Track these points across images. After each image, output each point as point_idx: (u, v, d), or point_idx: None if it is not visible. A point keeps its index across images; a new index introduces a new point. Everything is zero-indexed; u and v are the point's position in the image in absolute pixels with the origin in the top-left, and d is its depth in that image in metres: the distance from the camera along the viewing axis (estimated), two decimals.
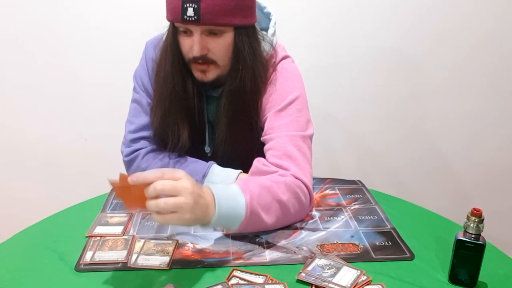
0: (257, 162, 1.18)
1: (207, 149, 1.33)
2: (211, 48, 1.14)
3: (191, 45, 1.14)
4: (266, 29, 1.28)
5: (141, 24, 1.79)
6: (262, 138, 1.23)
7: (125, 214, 1.18)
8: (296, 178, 1.12)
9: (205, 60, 1.15)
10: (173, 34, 1.17)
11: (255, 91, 1.22)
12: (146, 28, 1.38)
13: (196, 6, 1.07)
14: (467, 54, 1.99)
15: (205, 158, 1.31)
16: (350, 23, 1.94)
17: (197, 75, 1.19)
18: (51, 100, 2.03)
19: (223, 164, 1.27)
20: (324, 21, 1.94)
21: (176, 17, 1.10)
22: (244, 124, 1.25)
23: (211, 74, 1.18)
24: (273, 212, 1.05)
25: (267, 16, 1.30)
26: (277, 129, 1.20)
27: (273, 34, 1.28)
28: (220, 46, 1.15)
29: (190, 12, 1.07)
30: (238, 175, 1.21)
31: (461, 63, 2.00)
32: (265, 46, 1.25)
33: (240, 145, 1.26)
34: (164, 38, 1.23)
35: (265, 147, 1.21)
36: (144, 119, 1.30)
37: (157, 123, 1.26)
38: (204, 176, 1.21)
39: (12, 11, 1.89)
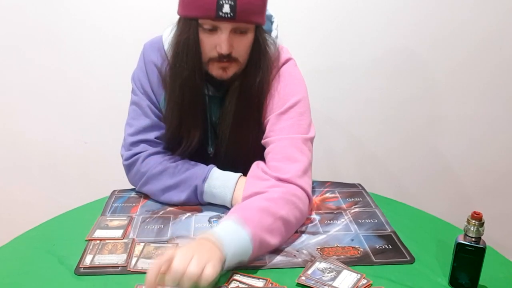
0: (256, 167, 1.19)
1: (209, 149, 1.33)
2: (236, 46, 1.15)
3: (216, 43, 1.13)
4: (268, 32, 1.28)
5: (141, 27, 1.79)
6: (263, 141, 1.24)
7: (125, 218, 1.18)
8: (293, 183, 1.12)
9: (229, 58, 1.15)
10: (196, 31, 1.15)
11: (263, 89, 1.23)
12: (147, 31, 1.38)
13: (232, 3, 1.07)
14: (468, 58, 1.99)
15: (207, 158, 1.32)
16: (351, 26, 1.94)
17: (217, 72, 1.18)
18: (52, 104, 2.03)
19: (225, 164, 1.27)
20: (325, 25, 1.94)
21: (209, 13, 1.09)
22: (248, 122, 1.26)
23: (231, 71, 1.19)
24: (277, 231, 1.03)
25: (269, 19, 1.30)
26: (278, 132, 1.20)
27: (276, 37, 1.29)
28: (244, 44, 1.16)
29: (227, 8, 1.07)
30: (239, 179, 1.20)
31: (462, 67, 2.00)
32: (271, 47, 1.26)
33: (244, 144, 1.27)
34: (175, 37, 1.20)
35: (266, 151, 1.21)
36: (143, 121, 1.29)
37: (174, 124, 1.25)
38: (204, 180, 1.20)
39: (12, 15, 1.90)
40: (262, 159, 1.23)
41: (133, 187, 1.33)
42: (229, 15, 1.08)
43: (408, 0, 1.91)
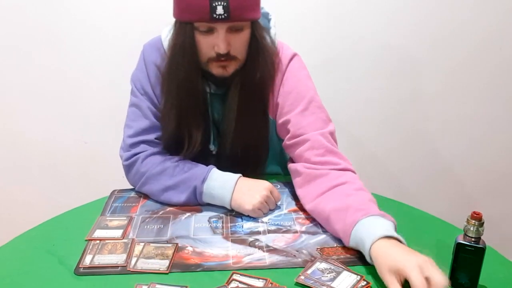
0: (303, 168, 1.20)
1: (211, 147, 1.34)
2: (233, 44, 1.16)
3: (213, 43, 1.15)
4: (267, 29, 1.29)
5: (141, 27, 1.79)
6: (293, 140, 1.25)
7: (125, 218, 1.18)
8: (349, 170, 1.19)
9: (227, 56, 1.16)
10: (191, 34, 1.16)
11: (264, 82, 1.25)
12: (147, 31, 1.38)
13: (225, 3, 1.08)
14: (468, 58, 1.99)
15: (210, 156, 1.33)
16: (352, 26, 1.94)
17: (218, 71, 1.20)
18: (52, 103, 2.03)
19: (228, 161, 1.29)
20: (325, 24, 1.94)
21: (203, 16, 1.10)
22: (252, 116, 1.27)
23: (231, 69, 1.20)
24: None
25: (265, 17, 1.32)
26: (306, 128, 1.23)
27: (275, 34, 1.30)
28: (242, 41, 1.18)
29: (220, 10, 1.08)
30: (238, 179, 1.20)
31: (462, 67, 2.00)
32: (269, 41, 1.27)
33: (249, 139, 1.28)
34: (171, 40, 1.22)
35: (302, 148, 1.23)
36: (143, 123, 1.30)
37: (172, 126, 1.26)
38: (203, 181, 1.20)
39: (12, 15, 1.90)
40: (265, 153, 1.30)
41: (132, 187, 1.33)
42: (223, 16, 1.09)
43: (408, 0, 1.91)
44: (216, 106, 1.30)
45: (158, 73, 1.28)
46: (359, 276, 0.93)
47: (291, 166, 1.27)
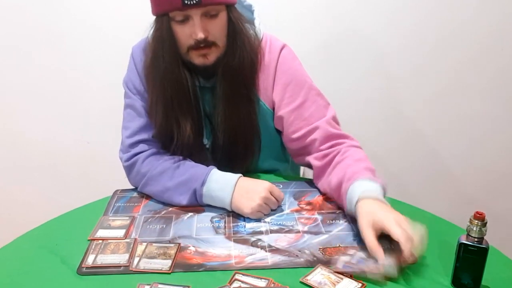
0: (316, 161, 1.26)
1: (205, 141, 1.34)
2: (210, 30, 1.17)
3: (190, 32, 1.16)
4: (251, 21, 1.31)
5: (141, 27, 1.78)
6: (299, 133, 1.28)
7: (127, 218, 1.18)
8: (353, 146, 1.26)
9: (206, 43, 1.17)
10: (168, 26, 1.18)
11: (251, 64, 1.26)
12: (147, 31, 1.38)
13: None
14: (468, 58, 1.99)
15: (203, 151, 1.33)
16: (351, 26, 1.94)
17: (199, 60, 1.21)
18: (53, 103, 2.03)
19: (223, 155, 1.30)
20: (325, 24, 1.94)
21: (175, 5, 1.12)
22: (239, 102, 1.28)
23: (212, 56, 1.21)
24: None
25: (248, 9, 1.33)
26: (310, 119, 1.27)
27: (260, 24, 1.31)
28: (218, 26, 1.18)
29: None
30: (238, 180, 1.20)
31: (462, 67, 2.00)
32: (249, 26, 1.28)
33: (238, 128, 1.29)
34: (151, 35, 1.24)
35: (309, 139, 1.27)
36: (139, 122, 1.30)
37: (160, 118, 1.26)
38: (203, 183, 1.19)
39: (12, 15, 1.89)
40: (258, 143, 1.32)
41: (135, 187, 1.32)
42: (194, 1, 1.10)
43: (408, 0, 1.91)
44: (207, 99, 1.31)
45: None
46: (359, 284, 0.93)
47: (306, 159, 1.31)
